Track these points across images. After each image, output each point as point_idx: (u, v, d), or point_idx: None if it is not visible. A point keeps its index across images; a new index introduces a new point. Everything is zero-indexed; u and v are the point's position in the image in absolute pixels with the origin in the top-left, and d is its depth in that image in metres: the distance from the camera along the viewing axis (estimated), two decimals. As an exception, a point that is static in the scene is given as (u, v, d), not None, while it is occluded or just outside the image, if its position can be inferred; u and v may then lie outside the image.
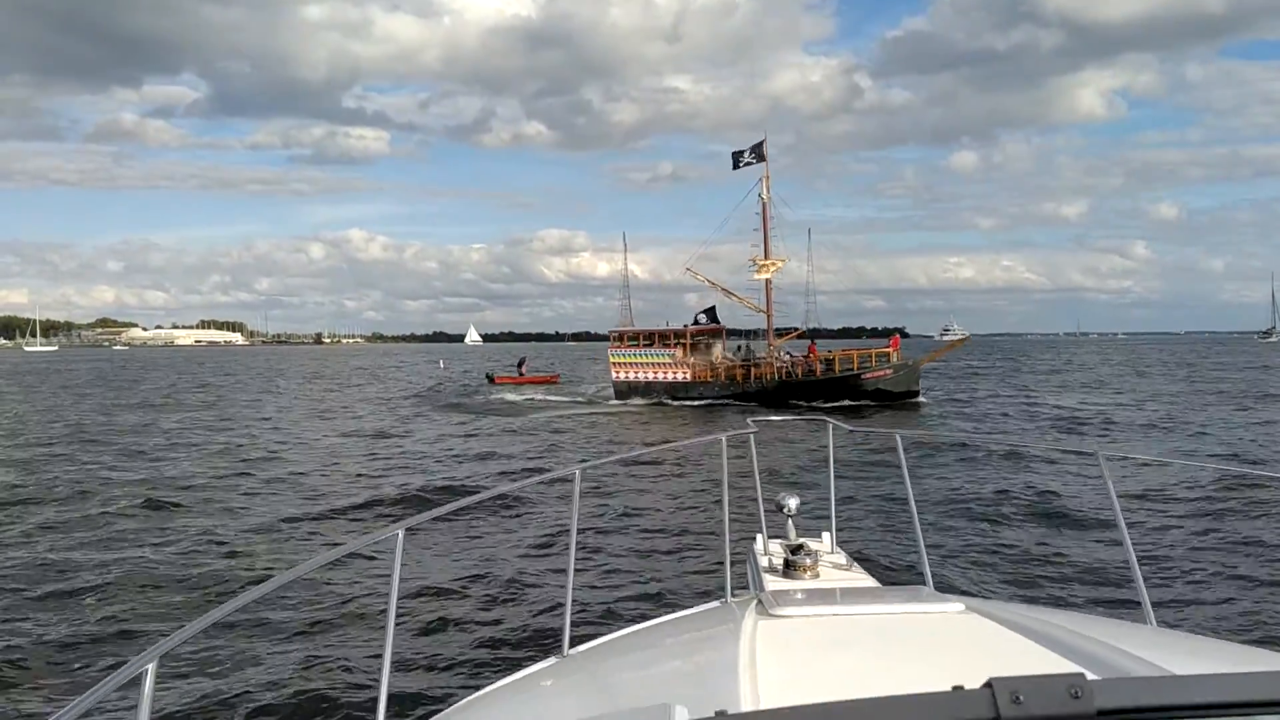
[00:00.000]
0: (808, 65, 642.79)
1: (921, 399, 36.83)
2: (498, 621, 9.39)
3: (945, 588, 3.23)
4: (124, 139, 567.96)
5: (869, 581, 3.68)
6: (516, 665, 3.18)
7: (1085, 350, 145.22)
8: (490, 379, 56.98)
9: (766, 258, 41.49)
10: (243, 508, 15.86)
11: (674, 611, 3.61)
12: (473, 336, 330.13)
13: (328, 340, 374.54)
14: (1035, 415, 32.22)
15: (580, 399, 43.00)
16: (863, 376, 36.02)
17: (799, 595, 3.02)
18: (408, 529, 2.82)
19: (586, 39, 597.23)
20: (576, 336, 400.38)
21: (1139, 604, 2.96)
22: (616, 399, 40.67)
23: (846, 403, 34.69)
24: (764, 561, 3.86)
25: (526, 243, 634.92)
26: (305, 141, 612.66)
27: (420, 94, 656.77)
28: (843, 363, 36.89)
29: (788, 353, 40.32)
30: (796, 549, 3.78)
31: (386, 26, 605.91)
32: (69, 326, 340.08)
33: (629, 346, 41.62)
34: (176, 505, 15.91)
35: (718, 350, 40.86)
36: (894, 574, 9.46)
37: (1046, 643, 2.28)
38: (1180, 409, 33.40)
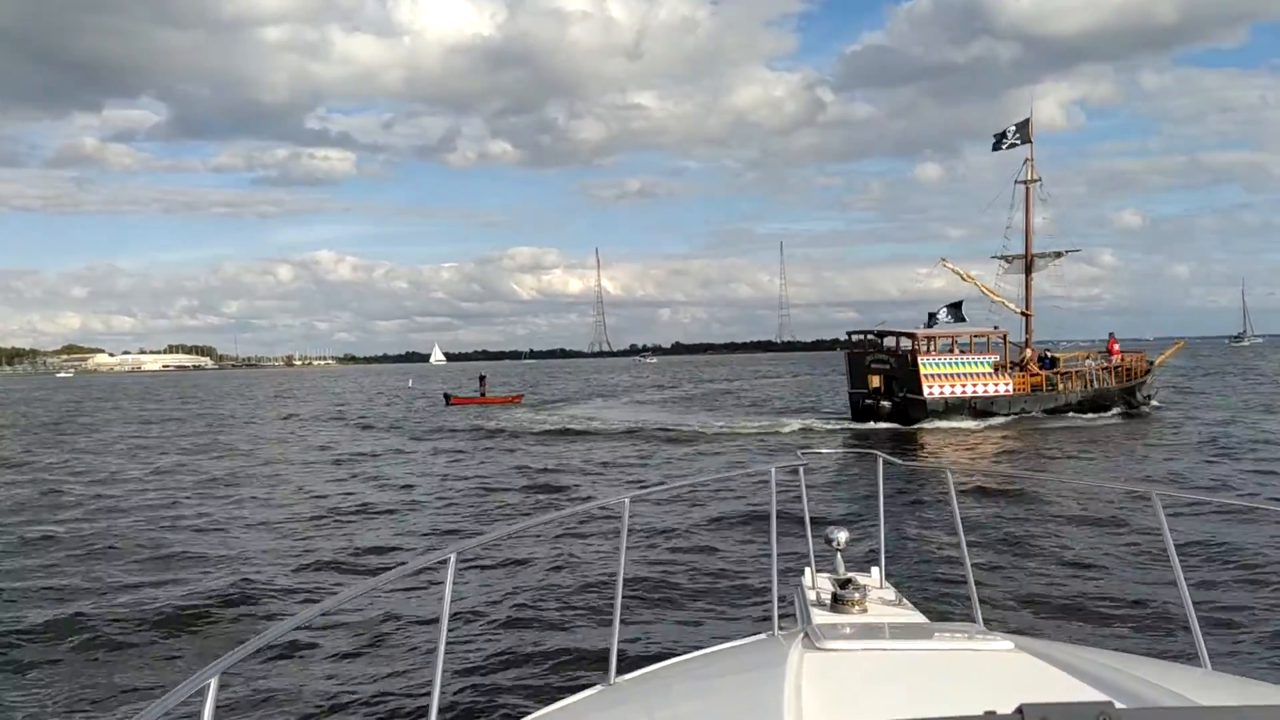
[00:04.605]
0: (770, 80, 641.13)
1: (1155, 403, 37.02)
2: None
3: (996, 625, 3.21)
4: (86, 163, 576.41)
5: (918, 617, 3.65)
6: (563, 692, 3.20)
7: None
8: (447, 400, 53.02)
9: (1028, 251, 37.07)
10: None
11: (720, 643, 3.61)
12: (437, 356, 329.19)
13: (299, 362, 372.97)
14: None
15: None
16: (1145, 381, 36.47)
17: (847, 629, 3.01)
18: (459, 552, 2.87)
19: (548, 57, 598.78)
20: (543, 354, 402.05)
21: (1194, 647, 2.92)
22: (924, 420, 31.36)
23: (1117, 411, 34.39)
24: (811, 595, 3.84)
25: (497, 261, 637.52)
26: (269, 163, 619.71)
27: (384, 114, 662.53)
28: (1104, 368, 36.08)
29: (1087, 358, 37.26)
30: (845, 583, 3.76)
31: (346, 47, 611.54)
32: (34, 354, 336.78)
33: (940, 353, 33.18)
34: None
35: (1030, 355, 35.65)
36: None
37: (1095, 682, 2.27)
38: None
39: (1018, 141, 37.28)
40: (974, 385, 32.42)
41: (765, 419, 37.98)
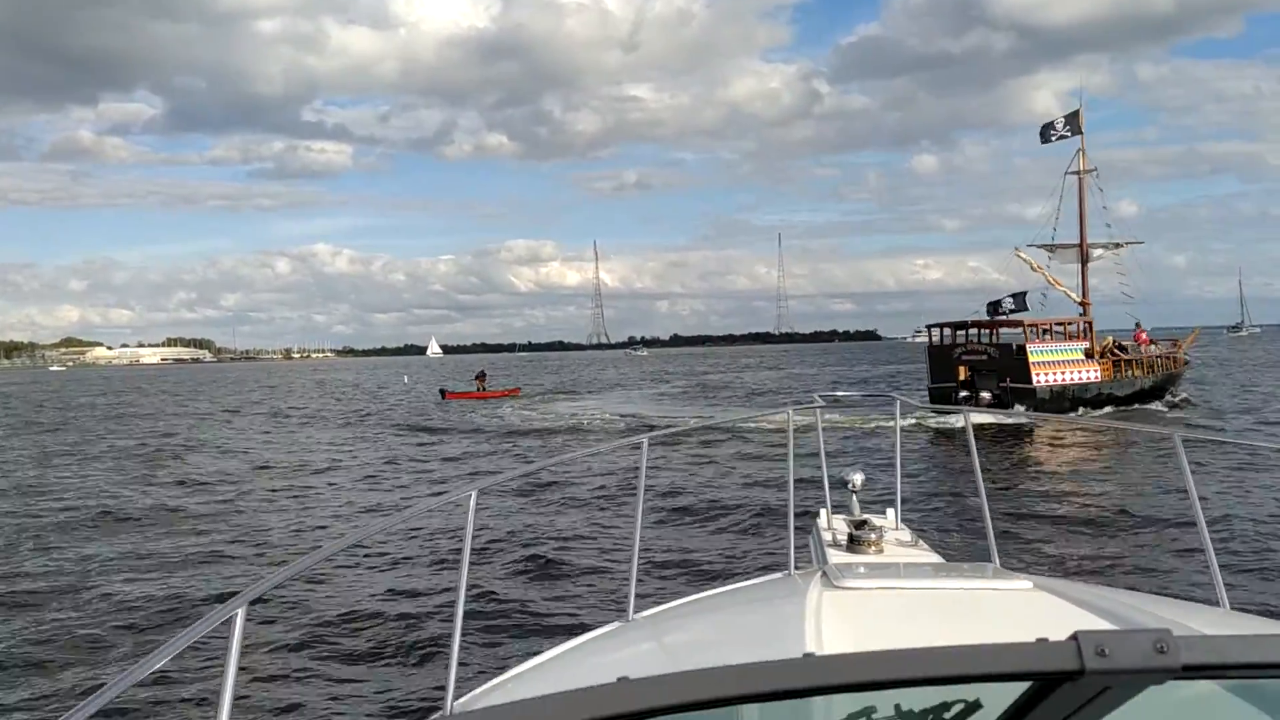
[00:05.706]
0: (766, 72, 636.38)
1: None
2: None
3: (1014, 567, 3.21)
4: (82, 157, 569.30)
5: (934, 558, 3.65)
6: (582, 628, 3.24)
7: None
8: (443, 395, 51.60)
9: (1083, 241, 36.07)
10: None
11: (737, 582, 3.64)
12: (434, 349, 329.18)
13: (297, 355, 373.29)
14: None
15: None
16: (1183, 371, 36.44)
17: (862, 569, 2.99)
18: (480, 490, 2.89)
19: (543, 49, 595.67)
20: (540, 347, 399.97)
21: (1213, 588, 2.92)
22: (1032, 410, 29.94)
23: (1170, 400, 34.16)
24: (828, 536, 3.84)
25: (494, 253, 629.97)
26: (266, 156, 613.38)
27: (380, 107, 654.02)
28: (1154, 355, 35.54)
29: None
30: (860, 524, 3.76)
31: (342, 39, 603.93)
32: (32, 347, 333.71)
33: (1042, 341, 32.03)
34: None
35: (1110, 343, 34.46)
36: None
37: (1117, 621, 2.26)
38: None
39: (1067, 134, 35.89)
40: (1072, 372, 31.85)
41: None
